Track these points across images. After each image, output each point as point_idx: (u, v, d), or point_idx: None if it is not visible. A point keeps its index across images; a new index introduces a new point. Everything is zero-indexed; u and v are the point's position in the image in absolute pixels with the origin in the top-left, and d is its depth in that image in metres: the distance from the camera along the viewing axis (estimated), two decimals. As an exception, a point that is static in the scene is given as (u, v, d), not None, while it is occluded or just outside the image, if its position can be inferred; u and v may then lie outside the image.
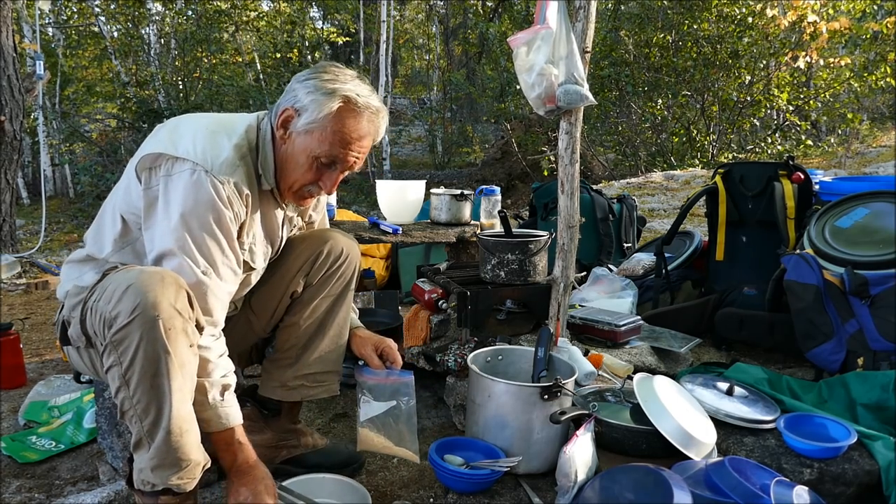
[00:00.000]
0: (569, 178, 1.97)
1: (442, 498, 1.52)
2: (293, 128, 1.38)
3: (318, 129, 1.36)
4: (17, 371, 2.46)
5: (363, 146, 1.42)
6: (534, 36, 1.86)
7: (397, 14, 17.15)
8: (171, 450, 1.23)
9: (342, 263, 1.64)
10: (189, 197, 1.28)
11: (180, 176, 1.29)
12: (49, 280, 4.51)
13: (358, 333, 1.71)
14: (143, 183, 1.32)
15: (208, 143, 1.33)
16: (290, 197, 1.48)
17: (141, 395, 1.20)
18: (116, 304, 1.18)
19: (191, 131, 1.35)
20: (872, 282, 1.97)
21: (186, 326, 1.21)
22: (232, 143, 1.36)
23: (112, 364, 1.20)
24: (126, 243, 1.39)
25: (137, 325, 1.16)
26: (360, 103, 1.37)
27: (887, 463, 1.51)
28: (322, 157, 1.38)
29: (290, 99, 1.39)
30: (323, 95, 1.35)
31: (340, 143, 1.38)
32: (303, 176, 1.41)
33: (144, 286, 1.17)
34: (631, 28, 10.50)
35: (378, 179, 2.71)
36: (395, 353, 1.63)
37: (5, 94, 5.03)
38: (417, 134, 17.40)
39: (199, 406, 1.32)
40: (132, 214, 1.37)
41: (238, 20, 13.12)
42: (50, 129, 11.22)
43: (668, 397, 1.57)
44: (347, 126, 1.37)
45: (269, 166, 1.42)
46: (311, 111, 1.36)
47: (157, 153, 1.31)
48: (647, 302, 2.80)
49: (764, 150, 9.57)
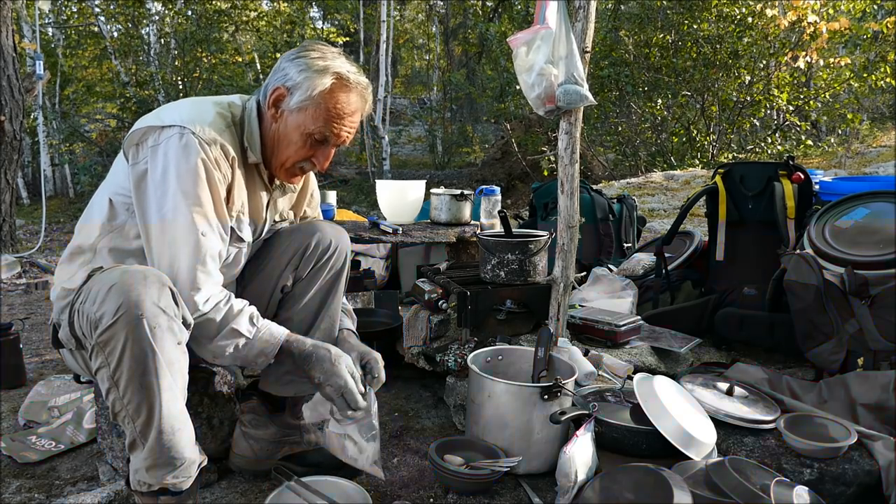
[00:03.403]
0: (569, 178, 1.97)
1: (442, 498, 1.52)
2: (285, 106, 1.41)
3: (312, 105, 1.39)
4: (17, 371, 2.46)
5: (354, 121, 1.45)
6: (534, 36, 1.86)
7: (397, 14, 17.14)
8: (164, 449, 1.23)
9: (331, 255, 1.64)
10: (181, 159, 1.30)
11: (168, 141, 1.30)
12: (49, 280, 4.51)
13: (349, 340, 1.66)
14: (131, 159, 1.33)
15: (193, 109, 1.37)
16: (282, 174, 1.49)
17: (131, 396, 1.20)
18: (101, 306, 1.18)
19: (176, 105, 1.40)
20: (872, 282, 1.97)
21: (172, 324, 1.21)
22: (216, 110, 1.39)
23: (100, 365, 1.20)
24: (114, 227, 1.39)
25: (122, 325, 1.16)
26: (351, 79, 1.41)
27: (887, 463, 1.51)
28: (315, 134, 1.41)
29: (280, 78, 1.41)
30: (315, 73, 1.38)
31: (334, 118, 1.40)
32: (296, 153, 1.43)
33: (127, 286, 1.18)
34: (631, 28, 10.50)
35: (378, 179, 2.71)
36: (380, 367, 1.56)
37: (5, 94, 5.03)
38: (417, 134, 17.40)
39: (244, 348, 1.35)
40: (119, 195, 1.38)
41: (238, 20, 13.11)
42: (50, 129, 11.22)
43: (668, 397, 1.57)
44: (340, 101, 1.40)
45: (255, 141, 1.44)
46: (303, 89, 1.38)
47: (144, 127, 1.33)
48: (647, 302, 2.80)
49: (764, 150, 9.57)
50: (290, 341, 1.42)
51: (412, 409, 2.15)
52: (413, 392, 2.28)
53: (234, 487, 1.65)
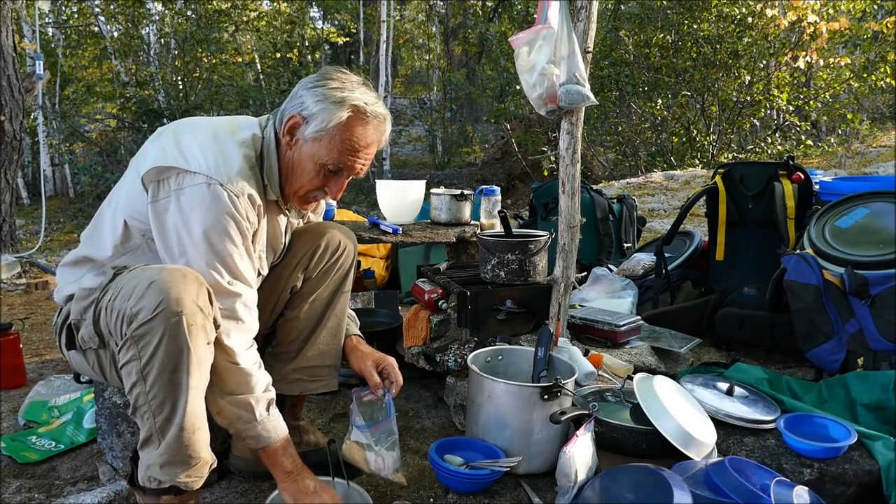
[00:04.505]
0: (570, 178, 1.97)
1: (442, 498, 1.52)
2: (300, 135, 1.39)
3: (327, 137, 1.37)
4: (17, 371, 2.46)
5: (370, 153, 1.43)
6: (535, 36, 1.86)
7: (397, 14, 17.14)
8: (182, 446, 1.24)
9: (340, 256, 1.65)
10: (209, 211, 1.28)
11: (193, 190, 1.28)
12: (49, 280, 4.51)
13: (359, 348, 1.68)
14: (151, 195, 1.30)
15: (219, 154, 1.32)
16: (296, 201, 1.48)
17: (157, 391, 1.21)
18: (138, 301, 1.19)
19: (198, 142, 1.33)
20: (872, 282, 1.97)
21: (206, 323, 1.23)
22: (241, 153, 1.35)
23: (130, 359, 1.21)
24: (127, 249, 1.39)
25: (161, 320, 1.17)
26: (368, 112, 1.38)
27: (887, 463, 1.51)
28: (330, 165, 1.39)
29: (297, 105, 1.38)
30: (332, 104, 1.35)
31: (349, 151, 1.39)
32: (310, 182, 1.42)
33: (167, 283, 1.19)
34: (631, 28, 10.49)
35: (378, 179, 2.71)
36: (397, 372, 1.60)
37: (5, 94, 5.03)
38: (417, 134, 17.40)
39: (246, 424, 1.35)
40: (136, 220, 1.36)
41: (238, 20, 13.11)
42: (50, 129, 11.20)
43: (668, 397, 1.57)
44: (356, 135, 1.38)
45: (275, 176, 1.42)
46: (319, 119, 1.36)
47: (167, 166, 1.29)
48: (647, 302, 2.80)
49: (764, 150, 9.57)
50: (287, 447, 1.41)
51: (412, 409, 2.15)
52: (413, 392, 2.28)
53: (234, 487, 1.65)
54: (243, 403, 1.34)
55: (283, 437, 1.40)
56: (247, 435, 1.36)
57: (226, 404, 1.34)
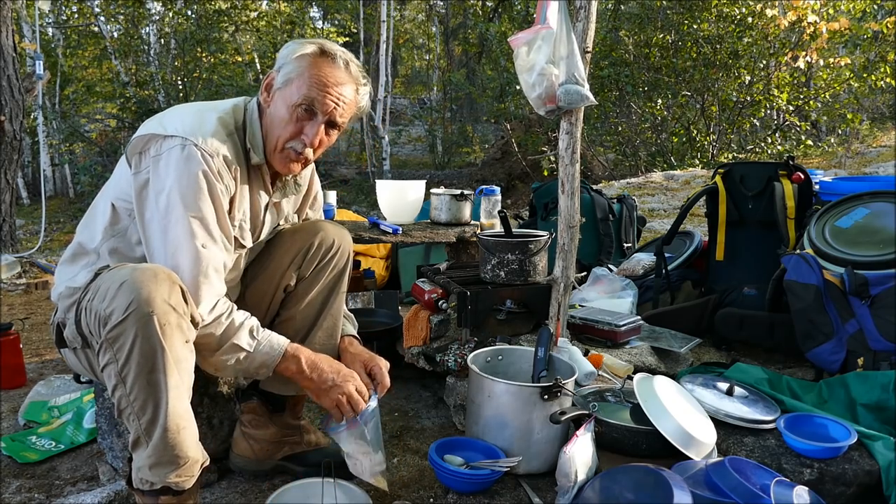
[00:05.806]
0: (569, 178, 1.97)
1: (442, 498, 1.52)
2: (275, 87, 1.43)
3: (296, 76, 1.40)
4: (17, 371, 2.46)
5: (342, 93, 1.43)
6: (534, 36, 1.86)
7: (397, 14, 17.13)
8: (168, 447, 1.23)
9: (334, 254, 1.64)
10: (182, 171, 1.30)
11: (170, 152, 1.30)
12: (49, 280, 4.51)
13: (350, 349, 1.65)
14: (133, 167, 1.33)
15: (196, 118, 1.36)
16: (278, 161, 1.46)
17: (137, 393, 1.20)
18: (111, 302, 1.18)
19: (179, 112, 1.40)
20: (872, 282, 1.97)
21: (181, 322, 1.22)
22: (217, 117, 1.39)
23: (108, 362, 1.21)
24: (116, 231, 1.40)
25: (132, 321, 1.16)
26: (337, 52, 1.43)
27: (887, 463, 1.51)
28: (302, 103, 1.40)
29: (273, 67, 1.44)
30: (298, 46, 1.41)
31: (317, 85, 1.40)
32: (284, 129, 1.42)
33: (138, 283, 1.18)
34: (631, 28, 10.49)
35: (378, 179, 2.71)
36: (384, 373, 1.57)
37: (5, 94, 5.02)
38: (417, 134, 17.40)
39: (245, 362, 1.35)
40: (122, 201, 1.38)
41: (238, 20, 13.09)
42: (50, 129, 11.21)
43: (668, 397, 1.57)
44: (323, 70, 1.41)
45: (258, 141, 1.44)
46: (288, 63, 1.41)
47: (148, 134, 1.33)
48: (647, 302, 2.80)
49: (764, 150, 9.56)
50: (294, 353, 1.42)
51: (412, 409, 2.15)
52: (413, 392, 2.28)
53: (234, 487, 1.65)
54: (230, 349, 1.33)
55: (286, 344, 1.41)
56: (255, 370, 1.38)
57: (216, 360, 1.35)
